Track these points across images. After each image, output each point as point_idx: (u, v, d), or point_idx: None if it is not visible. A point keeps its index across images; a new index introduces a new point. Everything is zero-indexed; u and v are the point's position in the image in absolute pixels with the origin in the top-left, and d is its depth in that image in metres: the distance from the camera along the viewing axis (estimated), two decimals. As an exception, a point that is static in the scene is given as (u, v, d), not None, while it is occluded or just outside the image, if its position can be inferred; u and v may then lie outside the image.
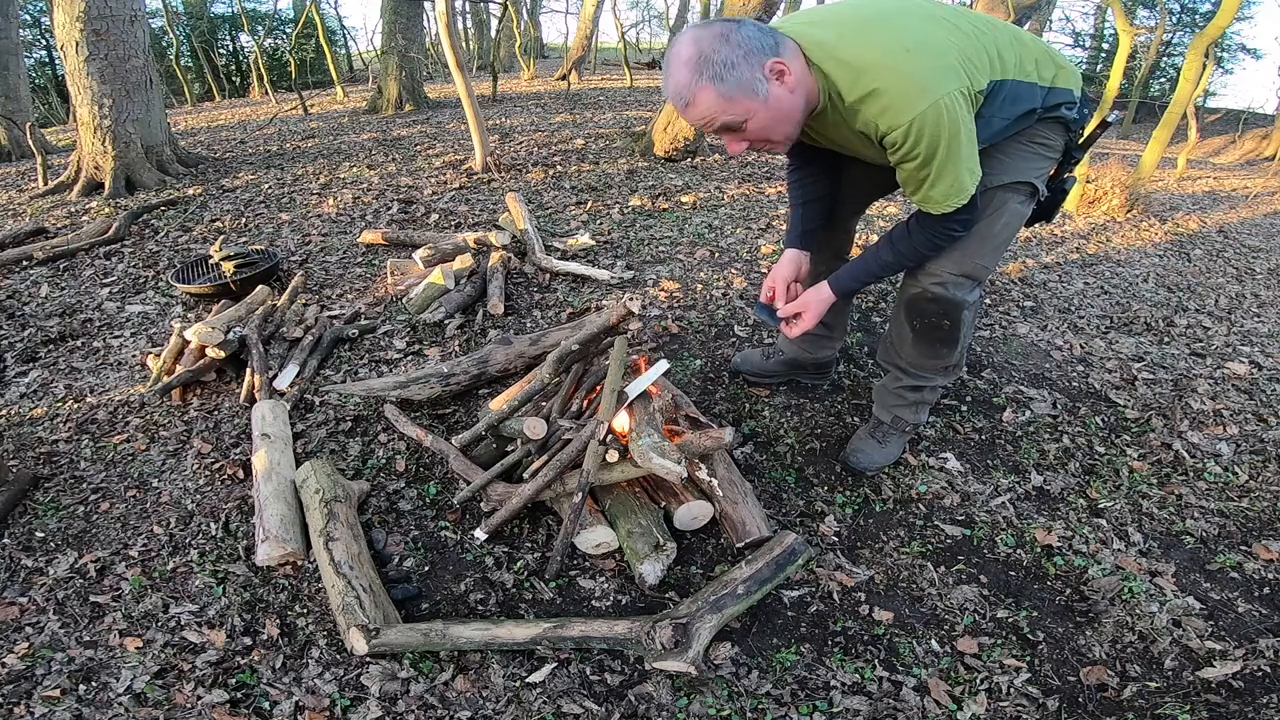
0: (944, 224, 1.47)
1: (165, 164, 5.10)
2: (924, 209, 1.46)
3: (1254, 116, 13.31)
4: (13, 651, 1.49)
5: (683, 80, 1.26)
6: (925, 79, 1.27)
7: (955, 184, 1.37)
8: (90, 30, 4.53)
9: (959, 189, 1.38)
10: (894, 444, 1.93)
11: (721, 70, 1.24)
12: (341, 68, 14.12)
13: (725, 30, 1.25)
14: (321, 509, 1.68)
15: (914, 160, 1.34)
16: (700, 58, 1.24)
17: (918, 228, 1.52)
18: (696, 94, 1.26)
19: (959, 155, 1.33)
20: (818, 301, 1.65)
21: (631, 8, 29.47)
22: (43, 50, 13.73)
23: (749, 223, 3.73)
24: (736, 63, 1.24)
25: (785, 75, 1.29)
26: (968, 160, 1.35)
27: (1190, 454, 2.02)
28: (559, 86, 10.29)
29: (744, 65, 1.24)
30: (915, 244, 1.54)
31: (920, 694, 1.39)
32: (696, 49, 1.24)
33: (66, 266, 3.49)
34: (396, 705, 1.37)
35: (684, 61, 1.25)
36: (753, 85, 1.26)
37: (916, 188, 1.41)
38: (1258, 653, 1.46)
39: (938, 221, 1.46)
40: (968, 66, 1.32)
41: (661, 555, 1.61)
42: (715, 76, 1.24)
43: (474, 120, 4.71)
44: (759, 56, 1.25)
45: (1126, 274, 3.34)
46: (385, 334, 2.68)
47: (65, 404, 2.37)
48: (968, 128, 1.32)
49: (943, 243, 1.53)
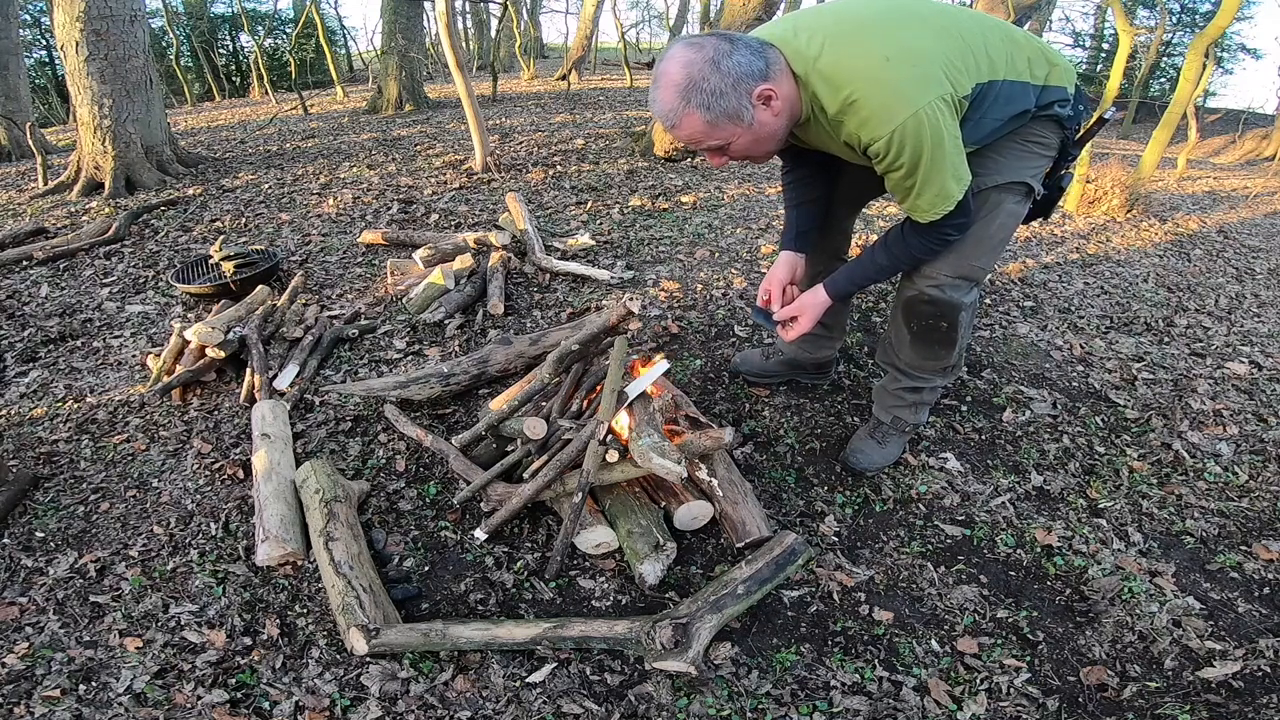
0: (937, 229, 1.47)
1: (165, 164, 5.10)
2: (913, 217, 1.47)
3: (1254, 116, 13.32)
4: (13, 651, 1.49)
5: (670, 104, 1.28)
6: (904, 89, 1.27)
7: (941, 192, 1.37)
8: (90, 30, 4.53)
9: (945, 196, 1.38)
10: (894, 444, 1.93)
11: (709, 99, 1.25)
12: (341, 68, 14.11)
13: (717, 55, 1.25)
14: (321, 509, 1.69)
15: (899, 170, 1.35)
16: (689, 84, 1.25)
17: (911, 233, 1.52)
18: (683, 119, 1.29)
19: (943, 164, 1.33)
20: (813, 305, 1.65)
21: (631, 8, 29.49)
22: (43, 50, 13.73)
23: (749, 223, 3.73)
24: (725, 91, 1.25)
25: (772, 100, 1.30)
26: (953, 168, 1.35)
27: (1190, 454, 2.02)
28: (559, 86, 10.29)
29: (732, 94, 1.26)
30: (910, 248, 1.54)
31: (920, 694, 1.39)
32: (686, 74, 1.25)
33: (66, 266, 3.49)
34: (396, 705, 1.37)
35: (673, 85, 1.26)
36: (739, 112, 1.28)
37: (904, 196, 1.42)
38: (1258, 653, 1.46)
39: (930, 227, 1.47)
40: (951, 71, 1.31)
41: (661, 555, 1.61)
42: (702, 105, 1.26)
43: (474, 120, 4.71)
44: (748, 83, 1.26)
45: (1126, 274, 3.34)
46: (385, 334, 2.68)
47: (65, 404, 2.37)
48: (951, 135, 1.32)
49: (937, 247, 1.53)
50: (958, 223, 1.46)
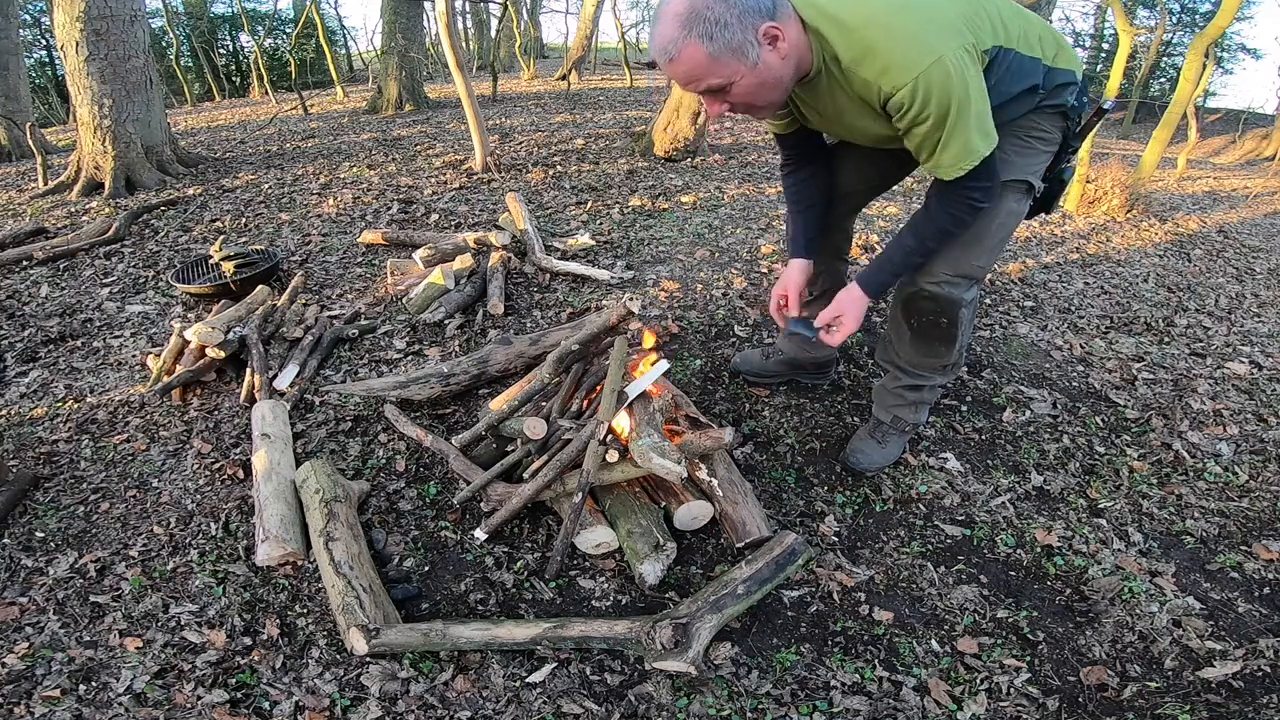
0: (963, 194, 1.39)
1: (165, 164, 5.10)
2: (937, 176, 1.39)
3: (1254, 116, 13.32)
4: (13, 651, 1.49)
5: (670, 35, 1.19)
6: (925, 35, 1.21)
7: (966, 146, 1.30)
8: (90, 30, 4.53)
9: (970, 151, 1.31)
10: (894, 444, 1.93)
11: (713, 29, 1.17)
12: (341, 68, 14.11)
13: None
14: (321, 509, 1.68)
15: (924, 123, 1.27)
16: (692, 13, 1.17)
17: (937, 204, 1.44)
18: (683, 50, 1.20)
19: (969, 115, 1.26)
20: (852, 302, 1.57)
21: (631, 8, 29.49)
22: (43, 50, 13.73)
23: (749, 223, 3.73)
24: (729, 22, 1.17)
25: (779, 41, 1.23)
26: (980, 121, 1.28)
27: (1190, 454, 2.02)
28: (559, 86, 10.29)
29: (737, 26, 1.18)
30: (937, 222, 1.46)
31: (920, 694, 1.39)
32: (689, 4, 1.17)
33: (66, 266, 3.49)
34: (396, 705, 1.37)
35: (674, 15, 1.18)
36: (743, 48, 1.20)
37: (929, 153, 1.34)
38: (1258, 653, 1.46)
39: (955, 191, 1.39)
40: (970, 25, 1.26)
41: (661, 555, 1.61)
42: (705, 35, 1.18)
43: (474, 120, 4.71)
44: (754, 18, 1.19)
45: (1126, 274, 3.34)
46: (385, 334, 2.68)
47: (65, 404, 2.37)
48: (977, 85, 1.26)
49: (966, 215, 1.43)
50: (984, 186, 1.38)
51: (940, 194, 1.43)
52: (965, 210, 1.43)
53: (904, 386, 1.84)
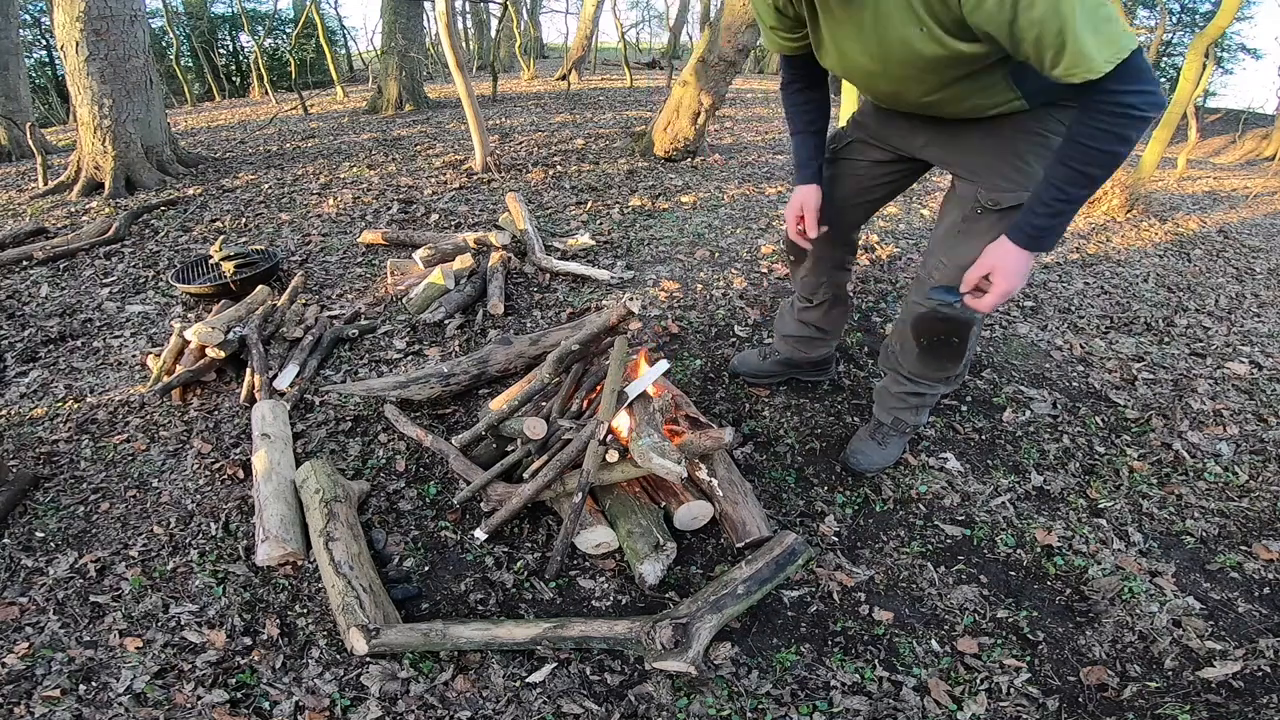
0: (1121, 99, 1.08)
1: (165, 164, 5.09)
2: (1080, 75, 1.07)
3: (1254, 116, 13.33)
4: (13, 651, 1.49)
5: None
6: None
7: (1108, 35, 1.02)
8: (90, 30, 4.53)
9: (1113, 39, 1.03)
10: (894, 445, 1.93)
11: None
12: (341, 68, 14.12)
13: None
14: (321, 509, 1.68)
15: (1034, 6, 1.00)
16: None
17: (1087, 117, 1.12)
18: None
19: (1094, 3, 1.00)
20: (1003, 256, 1.27)
21: (631, 8, 29.52)
22: (43, 50, 13.73)
23: (749, 223, 3.73)
24: None
25: None
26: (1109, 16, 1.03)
27: (1190, 454, 2.02)
28: (559, 86, 10.29)
29: None
30: (1093, 140, 1.13)
31: (920, 694, 1.39)
32: None
33: (66, 266, 3.49)
34: (396, 705, 1.37)
35: None
36: None
37: (1055, 50, 1.04)
38: (1258, 653, 1.46)
39: (1110, 94, 1.08)
40: None
41: (661, 555, 1.61)
42: None
43: (474, 120, 4.71)
44: None
45: (1126, 274, 3.34)
46: (385, 334, 2.68)
47: (65, 404, 2.37)
48: None
49: (1127, 130, 1.10)
50: (1143, 90, 1.07)
51: (1087, 110, 1.13)
52: (1127, 124, 1.10)
53: (906, 391, 1.83)
